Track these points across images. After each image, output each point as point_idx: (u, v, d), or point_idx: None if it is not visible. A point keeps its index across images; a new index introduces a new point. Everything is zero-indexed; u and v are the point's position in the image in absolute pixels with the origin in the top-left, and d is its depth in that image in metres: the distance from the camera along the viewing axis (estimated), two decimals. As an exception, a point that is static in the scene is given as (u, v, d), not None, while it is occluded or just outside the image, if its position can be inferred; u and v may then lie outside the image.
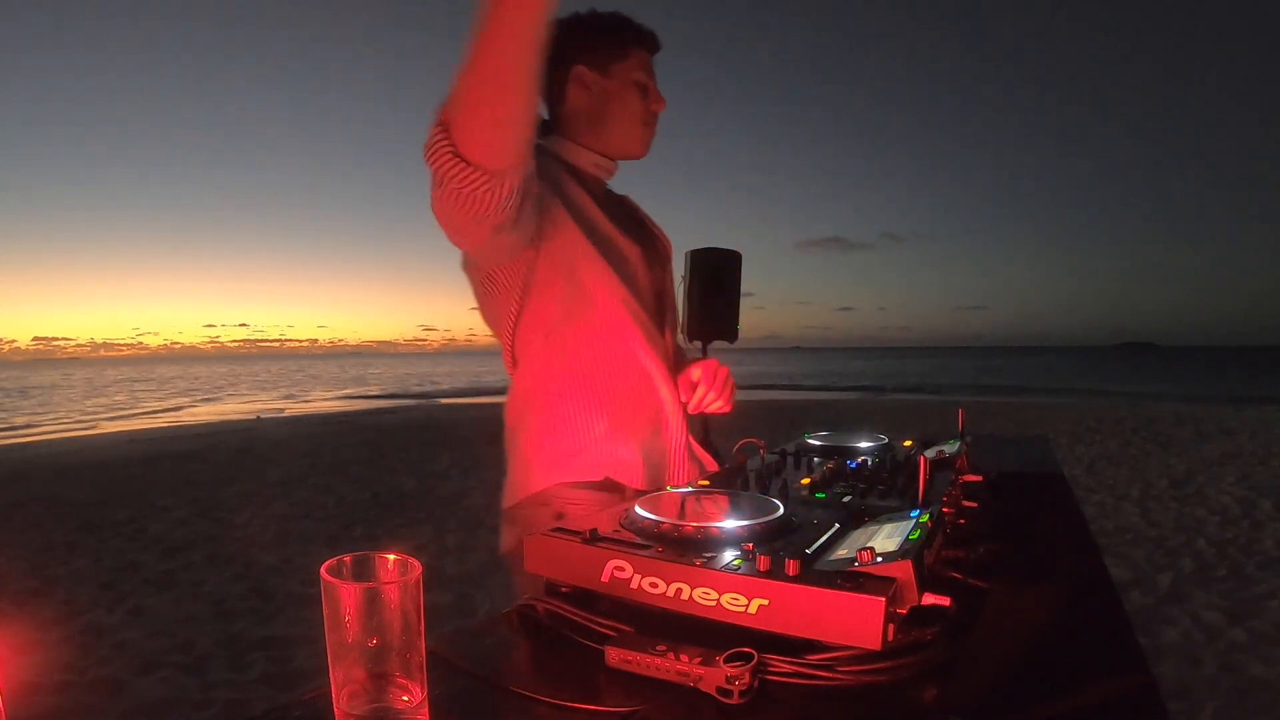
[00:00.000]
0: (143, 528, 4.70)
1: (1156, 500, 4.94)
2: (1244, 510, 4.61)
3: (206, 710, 2.33)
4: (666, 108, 1.19)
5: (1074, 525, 1.02)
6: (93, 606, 3.26)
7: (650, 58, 1.18)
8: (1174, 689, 2.32)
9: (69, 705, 2.34)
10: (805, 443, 1.22)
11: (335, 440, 9.36)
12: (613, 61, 1.15)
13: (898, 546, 0.60)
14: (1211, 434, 8.22)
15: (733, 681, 0.52)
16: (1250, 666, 2.47)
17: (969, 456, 1.08)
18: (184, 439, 10.49)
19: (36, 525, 4.85)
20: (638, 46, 1.16)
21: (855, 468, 1.02)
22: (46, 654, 2.69)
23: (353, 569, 0.49)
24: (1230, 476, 5.68)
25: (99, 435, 12.55)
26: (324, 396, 26.23)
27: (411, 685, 0.48)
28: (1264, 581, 3.30)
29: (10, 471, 7.65)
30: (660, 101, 1.18)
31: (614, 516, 0.76)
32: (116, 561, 3.96)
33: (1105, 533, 4.14)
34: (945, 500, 0.79)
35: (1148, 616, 2.91)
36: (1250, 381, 27.04)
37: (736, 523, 0.69)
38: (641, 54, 1.16)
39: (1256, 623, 2.82)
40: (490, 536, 4.03)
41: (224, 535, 4.44)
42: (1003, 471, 1.28)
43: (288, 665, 2.64)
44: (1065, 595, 0.76)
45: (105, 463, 7.99)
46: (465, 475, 6.24)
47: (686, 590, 0.60)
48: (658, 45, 1.19)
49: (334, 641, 0.47)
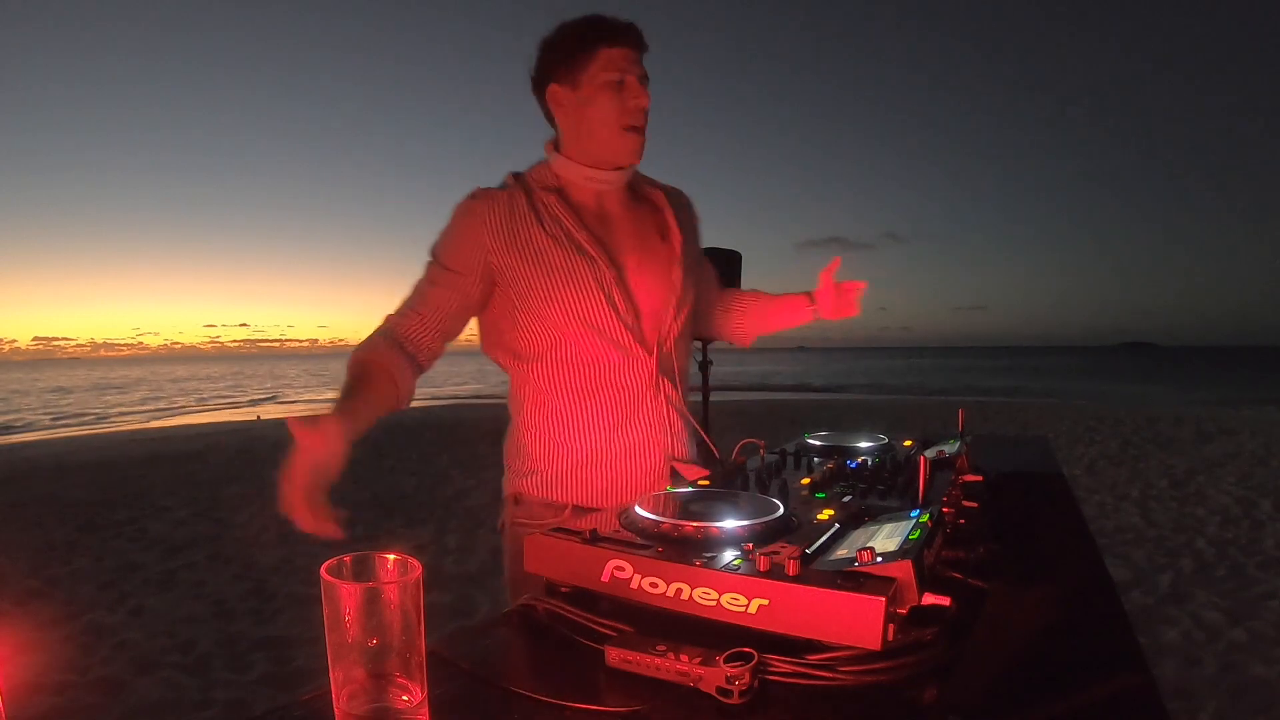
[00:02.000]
0: (143, 528, 4.70)
1: (1156, 500, 4.94)
2: (1244, 510, 4.61)
3: (207, 710, 2.33)
4: (651, 101, 1.12)
5: (1074, 525, 1.02)
6: (93, 606, 3.26)
7: (627, 51, 1.11)
8: (1174, 689, 2.31)
9: (69, 705, 2.34)
10: (805, 443, 1.21)
11: (335, 440, 9.33)
12: (581, 71, 1.11)
13: (898, 546, 0.60)
14: (1211, 434, 8.22)
15: (733, 681, 0.52)
16: (1250, 666, 2.47)
17: (969, 456, 1.08)
18: (184, 439, 10.49)
19: (37, 525, 4.85)
20: (606, 45, 1.10)
21: (855, 468, 1.02)
22: (47, 654, 2.68)
23: (353, 569, 0.49)
24: (1230, 476, 5.68)
25: (99, 435, 12.55)
26: (324, 396, 26.24)
27: (411, 685, 0.48)
28: (1264, 581, 3.29)
29: (10, 471, 7.65)
30: (638, 95, 1.11)
31: (614, 516, 0.76)
32: (117, 561, 3.96)
33: (1105, 533, 4.13)
34: (945, 500, 0.79)
35: (1148, 616, 2.91)
36: (1250, 381, 27.03)
37: (736, 523, 0.69)
38: (611, 51, 1.10)
39: (1256, 623, 2.82)
40: (491, 537, 4.03)
41: (224, 535, 4.44)
42: (1003, 471, 1.28)
43: (288, 665, 2.64)
44: (1065, 595, 0.76)
45: (105, 463, 7.99)
46: (465, 475, 6.24)
47: (686, 590, 0.60)
48: (632, 36, 1.11)
49: (334, 641, 0.47)
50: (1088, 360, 65.89)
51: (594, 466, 1.17)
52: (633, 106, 1.11)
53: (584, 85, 1.11)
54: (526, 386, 1.19)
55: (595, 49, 1.10)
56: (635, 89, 1.11)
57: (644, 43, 1.13)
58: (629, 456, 1.17)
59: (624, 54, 1.10)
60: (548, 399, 1.17)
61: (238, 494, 5.63)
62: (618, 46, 1.10)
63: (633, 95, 1.10)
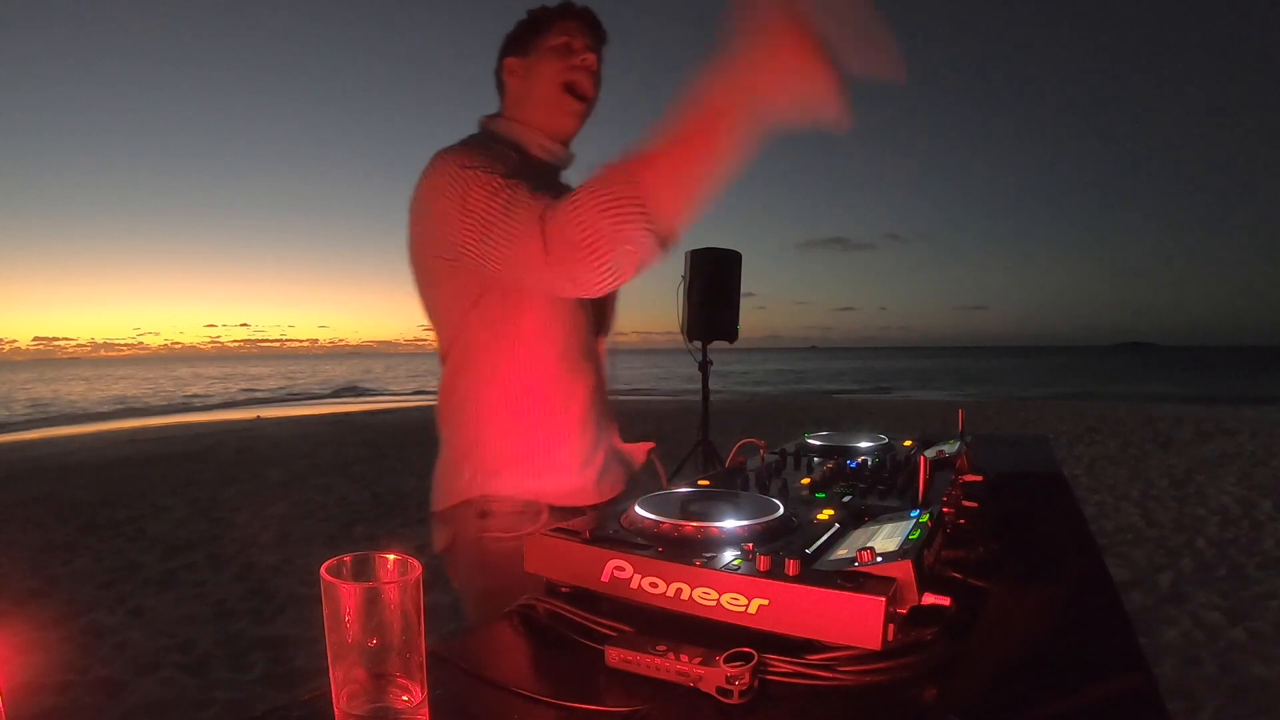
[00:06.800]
0: (143, 528, 4.70)
1: (1156, 500, 4.94)
2: (1244, 510, 4.61)
3: (207, 710, 2.33)
4: (595, 62, 1.15)
5: (1074, 525, 1.02)
6: (93, 606, 3.26)
7: (579, 24, 1.15)
8: (1174, 689, 2.31)
9: (70, 705, 2.34)
10: (805, 443, 1.22)
11: (335, 440, 9.35)
12: (533, 41, 1.15)
13: (898, 546, 0.60)
14: (1211, 434, 8.22)
15: (733, 681, 0.52)
16: (1250, 666, 2.47)
17: (969, 456, 1.08)
18: (184, 439, 10.48)
19: (37, 525, 4.85)
20: (559, 19, 1.14)
21: (855, 468, 1.02)
22: (47, 654, 2.68)
23: (353, 569, 0.49)
24: (1230, 476, 5.68)
25: (99, 435, 12.55)
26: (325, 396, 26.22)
27: (411, 685, 0.48)
28: (1264, 581, 3.29)
29: (10, 471, 7.64)
30: (583, 54, 1.13)
31: (614, 516, 0.76)
32: (117, 561, 3.96)
33: (1105, 533, 4.13)
34: (945, 500, 0.79)
35: (1148, 616, 2.91)
36: (1250, 381, 27.02)
37: (736, 523, 0.69)
38: (564, 23, 1.14)
39: (1256, 623, 2.82)
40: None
41: (224, 535, 4.44)
42: (1003, 471, 1.28)
43: (288, 665, 2.64)
44: (1065, 595, 0.76)
45: (105, 463, 7.99)
46: (465, 475, 6.23)
47: (686, 590, 0.60)
48: (587, 16, 1.16)
49: (334, 641, 0.47)
50: (1088, 360, 65.87)
51: (562, 456, 1.13)
52: (575, 63, 1.13)
53: (533, 51, 1.15)
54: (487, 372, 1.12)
55: (552, 23, 1.14)
56: (581, 50, 1.14)
57: (602, 30, 1.17)
58: (588, 443, 1.16)
59: (576, 26, 1.14)
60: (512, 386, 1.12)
61: (237, 494, 5.63)
62: (570, 20, 1.14)
63: (577, 54, 1.13)
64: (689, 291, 3.80)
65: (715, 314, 3.79)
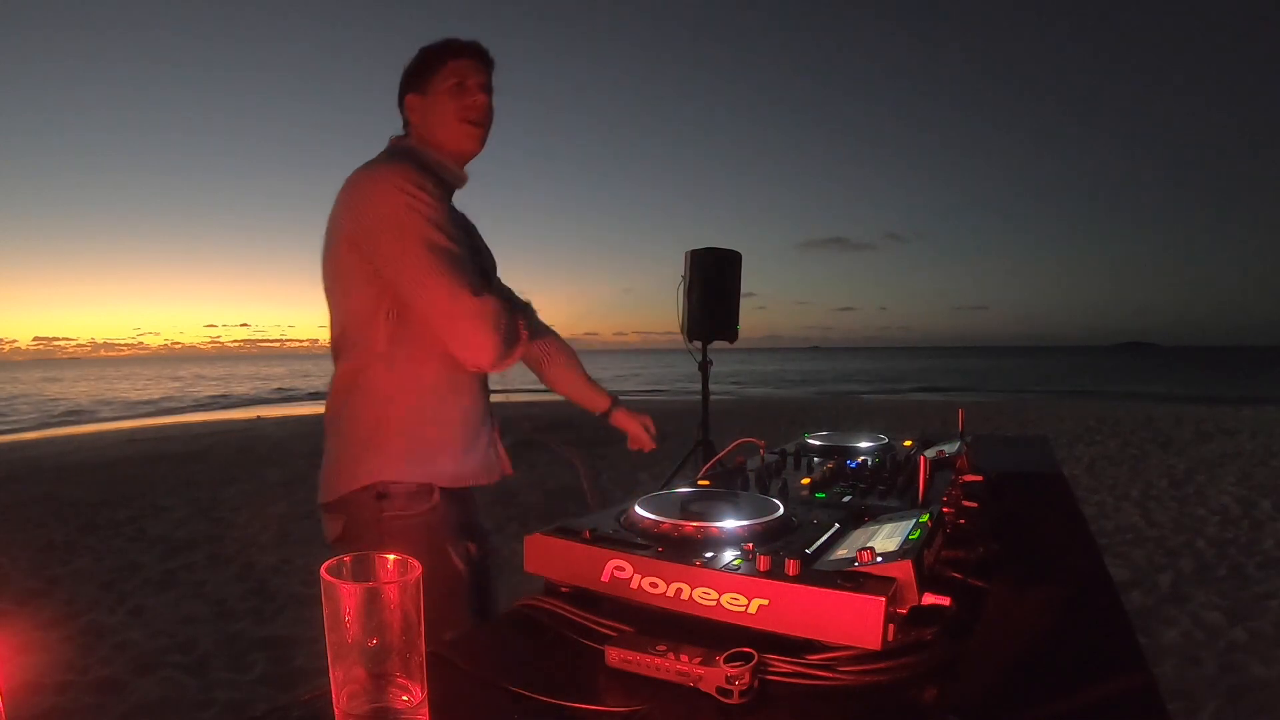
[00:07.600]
0: (143, 528, 4.70)
1: (1156, 500, 4.94)
2: (1244, 510, 4.61)
3: (207, 710, 2.33)
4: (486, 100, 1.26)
5: (1074, 525, 1.02)
6: (93, 606, 3.26)
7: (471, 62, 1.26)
8: (1174, 689, 2.31)
9: (70, 705, 2.34)
10: (805, 443, 1.22)
11: (335, 440, 9.33)
12: (429, 79, 1.26)
13: (898, 546, 0.60)
14: (1211, 434, 8.22)
15: (733, 681, 0.52)
16: (1250, 666, 2.46)
17: (969, 456, 1.08)
18: (184, 439, 10.49)
19: (37, 525, 4.85)
20: (453, 58, 1.25)
21: (855, 468, 1.02)
22: (47, 654, 2.68)
23: (353, 569, 0.49)
24: (1230, 476, 5.68)
25: (99, 435, 12.56)
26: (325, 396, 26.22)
27: (411, 685, 0.48)
28: (1264, 581, 3.29)
29: (10, 471, 7.64)
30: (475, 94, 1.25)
31: (613, 516, 0.76)
32: (117, 561, 3.96)
33: (1105, 533, 4.13)
34: (945, 500, 0.79)
35: (1148, 616, 2.91)
36: (1250, 381, 27.02)
37: (736, 523, 0.69)
38: (456, 63, 1.25)
39: (1256, 623, 2.82)
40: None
41: (224, 535, 4.44)
42: (1003, 471, 1.28)
43: (288, 665, 2.64)
44: (1065, 595, 0.76)
45: (105, 463, 7.99)
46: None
47: (686, 590, 0.60)
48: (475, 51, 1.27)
49: (334, 641, 0.47)
50: (1087, 360, 65.85)
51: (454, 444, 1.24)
52: (469, 103, 1.25)
53: (430, 91, 1.26)
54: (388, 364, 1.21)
55: (445, 62, 1.25)
56: (473, 90, 1.26)
57: (489, 59, 1.29)
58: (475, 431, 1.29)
59: (468, 64, 1.26)
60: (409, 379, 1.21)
61: (237, 494, 5.63)
62: (463, 59, 1.26)
63: (470, 94, 1.25)
64: (689, 292, 3.80)
65: (715, 314, 3.78)
